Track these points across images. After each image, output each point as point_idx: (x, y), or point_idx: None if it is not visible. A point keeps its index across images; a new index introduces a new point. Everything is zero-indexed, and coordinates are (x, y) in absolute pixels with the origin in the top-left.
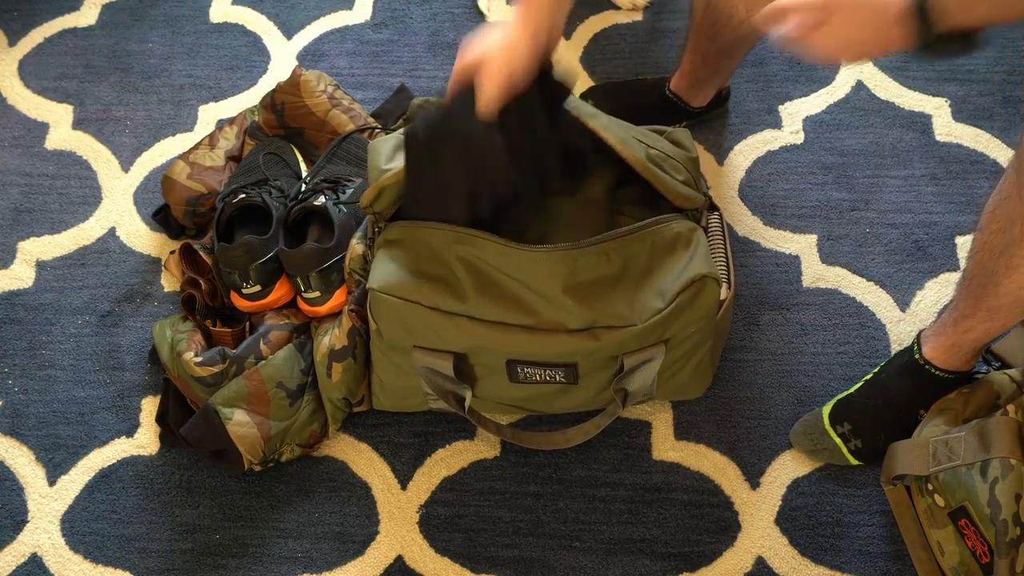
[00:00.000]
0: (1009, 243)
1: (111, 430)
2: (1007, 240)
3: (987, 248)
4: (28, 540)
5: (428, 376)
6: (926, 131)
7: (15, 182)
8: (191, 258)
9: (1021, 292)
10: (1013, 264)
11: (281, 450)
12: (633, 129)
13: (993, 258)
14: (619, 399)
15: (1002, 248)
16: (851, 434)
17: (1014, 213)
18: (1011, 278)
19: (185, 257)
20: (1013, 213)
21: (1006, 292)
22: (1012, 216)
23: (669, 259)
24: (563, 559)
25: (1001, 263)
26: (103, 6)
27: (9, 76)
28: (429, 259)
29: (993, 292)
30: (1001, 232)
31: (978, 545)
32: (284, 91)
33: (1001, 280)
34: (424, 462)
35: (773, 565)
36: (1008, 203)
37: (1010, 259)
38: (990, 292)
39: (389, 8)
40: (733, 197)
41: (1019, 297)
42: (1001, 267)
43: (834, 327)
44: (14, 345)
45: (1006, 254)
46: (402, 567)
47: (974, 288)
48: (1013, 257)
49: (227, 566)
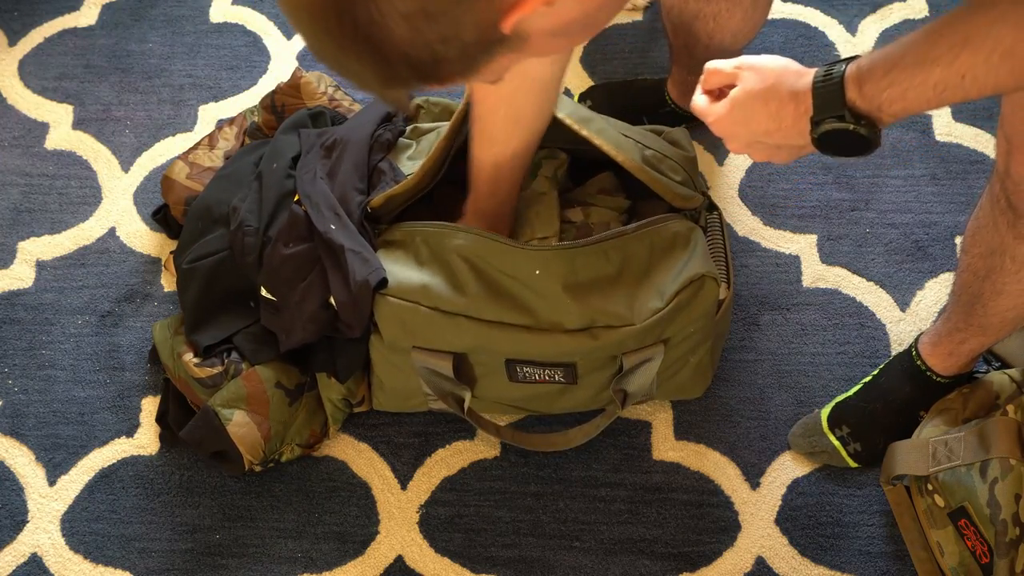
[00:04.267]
0: (991, 269)
1: (111, 430)
2: (989, 265)
3: (971, 270)
4: (28, 540)
5: (428, 376)
6: (926, 131)
7: (15, 182)
8: None
9: (1008, 314)
10: (997, 288)
11: (281, 450)
12: (630, 130)
13: (978, 280)
14: (619, 399)
15: (985, 272)
16: (850, 437)
17: (993, 242)
18: (997, 301)
19: None
20: (992, 242)
21: (994, 312)
22: (991, 244)
23: (668, 258)
24: (563, 559)
25: (986, 286)
26: (103, 6)
27: (9, 76)
28: (428, 259)
29: (981, 312)
30: (983, 257)
31: (978, 545)
32: (284, 92)
33: (988, 302)
34: (424, 462)
35: (773, 565)
36: (986, 231)
37: (994, 284)
38: (978, 311)
39: None
40: (733, 197)
41: (1006, 318)
42: (987, 290)
43: (834, 327)
44: (14, 345)
45: (990, 279)
46: (402, 567)
47: (963, 305)
48: (996, 283)
49: (227, 566)
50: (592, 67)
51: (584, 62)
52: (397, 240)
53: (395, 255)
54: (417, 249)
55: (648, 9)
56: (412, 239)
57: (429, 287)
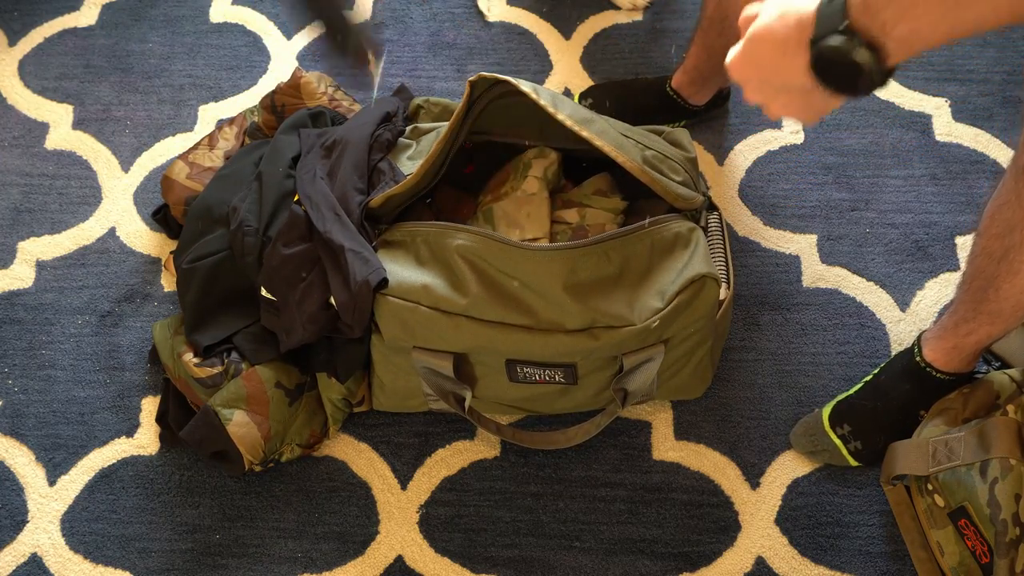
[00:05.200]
0: (1009, 248)
1: (111, 430)
2: (1007, 245)
3: (986, 252)
4: (28, 540)
5: (428, 376)
6: (926, 131)
7: (15, 182)
8: None
9: (1022, 297)
10: (1013, 269)
11: (281, 450)
12: (631, 130)
13: (993, 262)
14: (619, 399)
15: (1002, 253)
16: (851, 436)
17: (1014, 218)
18: (1011, 283)
19: None
20: (1013, 218)
21: (1007, 296)
22: (1012, 221)
23: (668, 259)
24: (563, 559)
25: (1002, 268)
26: (103, 6)
27: (9, 76)
28: (429, 259)
29: (994, 296)
30: (1000, 237)
31: (978, 545)
32: (284, 93)
33: (1002, 284)
34: (424, 462)
35: (773, 565)
36: (1007, 208)
37: (1010, 264)
38: (990, 297)
39: (389, 8)
40: (733, 197)
41: (1020, 302)
42: (1002, 272)
43: (834, 327)
44: (14, 345)
45: (1006, 259)
46: (402, 567)
47: (974, 292)
48: (1013, 262)
49: (227, 566)
50: (592, 67)
51: (584, 62)
52: (397, 240)
53: (395, 255)
54: (418, 249)
55: (648, 9)
56: (413, 239)
57: (430, 287)
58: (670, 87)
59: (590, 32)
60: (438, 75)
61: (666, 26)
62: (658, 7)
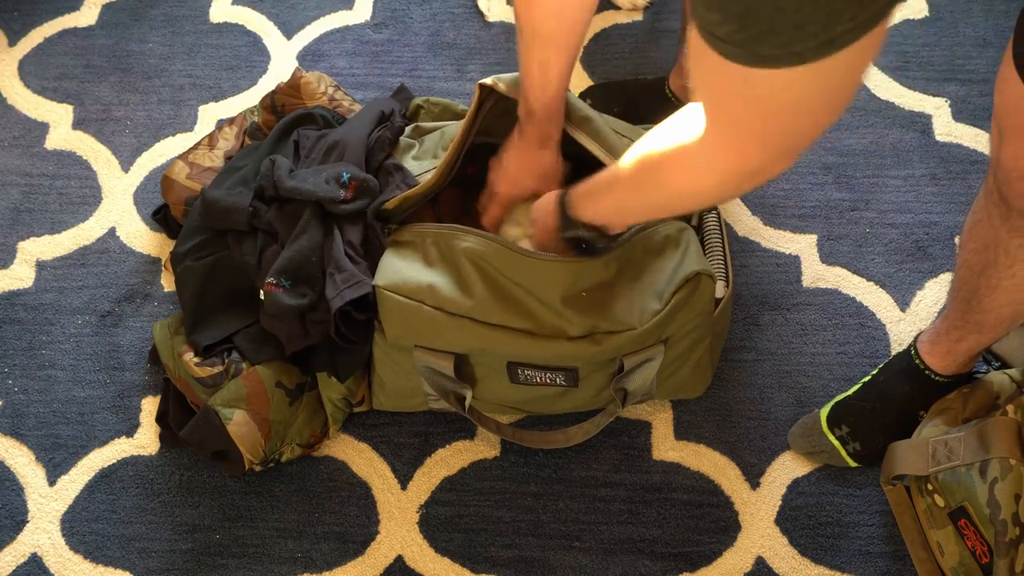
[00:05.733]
0: (987, 263)
1: (111, 430)
2: (984, 260)
3: (967, 265)
4: (28, 540)
5: (429, 376)
6: (926, 131)
7: (15, 182)
8: None
9: (1003, 310)
10: (992, 284)
11: (281, 450)
12: (629, 130)
13: (974, 276)
14: (619, 399)
15: (981, 267)
16: (849, 437)
17: (987, 236)
18: (991, 297)
19: None
20: (987, 236)
21: (988, 309)
22: (986, 239)
23: (661, 260)
24: (563, 559)
25: (981, 282)
26: (103, 6)
27: (9, 76)
28: (437, 260)
29: (977, 308)
30: (978, 252)
31: (978, 545)
32: (284, 93)
33: (983, 298)
34: (424, 462)
35: (773, 565)
36: (981, 226)
37: (988, 279)
38: (974, 308)
39: (389, 8)
40: None
41: (1002, 315)
42: (981, 286)
43: (834, 327)
44: (14, 345)
45: (984, 274)
46: (402, 567)
47: (960, 302)
48: (991, 277)
49: (227, 566)
50: (592, 67)
51: (584, 62)
52: (407, 240)
53: (404, 254)
54: (427, 250)
55: (648, 9)
56: (422, 240)
57: (435, 287)
58: (669, 89)
59: (590, 32)
60: (438, 75)
61: (666, 26)
62: (658, 7)
